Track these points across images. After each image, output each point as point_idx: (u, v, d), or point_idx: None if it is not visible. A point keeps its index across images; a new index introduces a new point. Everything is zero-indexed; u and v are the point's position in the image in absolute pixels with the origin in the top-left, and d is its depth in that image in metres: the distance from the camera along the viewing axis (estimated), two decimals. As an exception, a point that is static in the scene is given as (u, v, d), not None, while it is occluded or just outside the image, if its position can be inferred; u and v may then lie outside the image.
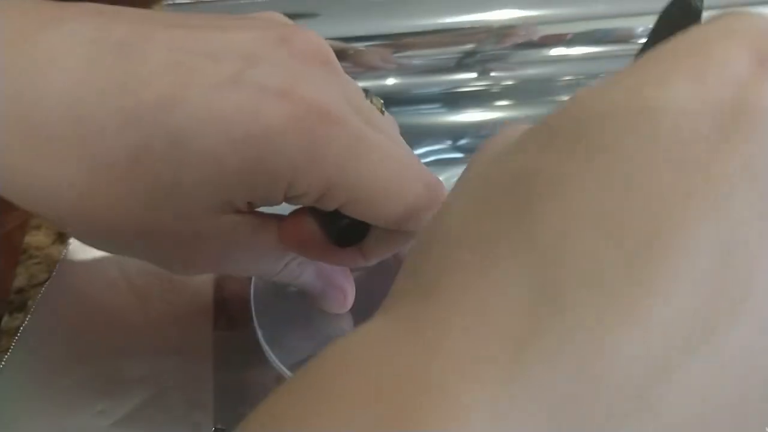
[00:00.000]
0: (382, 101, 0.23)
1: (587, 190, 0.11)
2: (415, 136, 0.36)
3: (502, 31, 0.34)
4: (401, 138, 0.23)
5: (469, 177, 0.14)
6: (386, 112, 0.23)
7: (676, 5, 0.16)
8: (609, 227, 0.10)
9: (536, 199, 0.11)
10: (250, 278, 0.28)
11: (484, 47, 0.35)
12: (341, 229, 0.21)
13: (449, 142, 0.36)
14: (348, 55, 0.33)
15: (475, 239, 0.11)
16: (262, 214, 0.21)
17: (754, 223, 0.10)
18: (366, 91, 0.22)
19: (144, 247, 0.20)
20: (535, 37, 0.35)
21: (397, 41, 0.33)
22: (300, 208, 0.22)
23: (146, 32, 0.18)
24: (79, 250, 0.31)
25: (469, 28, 0.34)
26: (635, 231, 0.10)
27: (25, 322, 0.28)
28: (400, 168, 0.20)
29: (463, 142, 0.37)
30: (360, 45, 0.33)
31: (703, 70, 0.11)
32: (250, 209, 0.20)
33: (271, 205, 0.20)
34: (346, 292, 0.25)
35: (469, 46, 0.35)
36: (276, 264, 0.23)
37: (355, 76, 0.33)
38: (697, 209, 0.10)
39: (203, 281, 0.30)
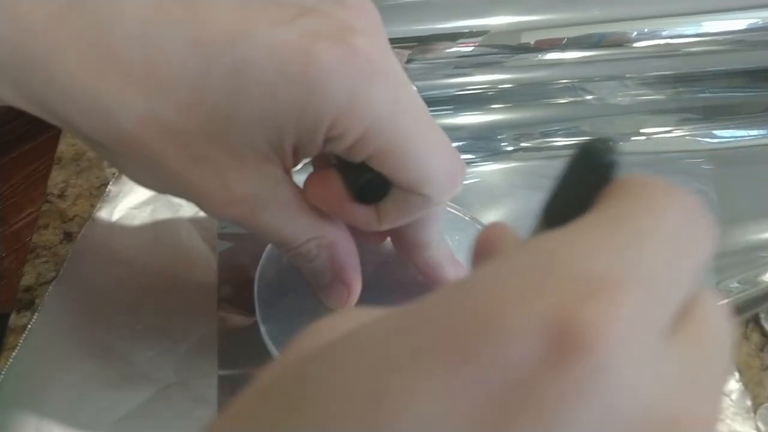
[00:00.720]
0: None
1: None
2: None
3: (499, 35, 0.35)
4: None
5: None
6: None
7: (584, 157, 0.14)
8: None
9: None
10: (254, 276, 0.29)
11: (482, 51, 0.35)
12: (363, 184, 0.22)
13: (447, 144, 0.37)
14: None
15: None
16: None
17: None
18: None
19: (188, 183, 0.21)
20: (532, 42, 0.35)
21: (393, 45, 0.34)
22: (327, 168, 0.23)
23: None
24: (87, 249, 0.31)
25: (467, 32, 0.35)
26: None
27: (33, 320, 0.29)
28: (433, 133, 0.22)
29: (460, 144, 0.37)
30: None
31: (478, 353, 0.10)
32: (295, 163, 0.22)
33: (311, 154, 0.21)
34: (352, 290, 0.26)
35: (466, 50, 0.35)
36: (299, 235, 0.23)
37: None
38: None
39: (207, 278, 0.30)
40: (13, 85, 0.19)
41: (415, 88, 0.23)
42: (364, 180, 0.22)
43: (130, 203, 0.33)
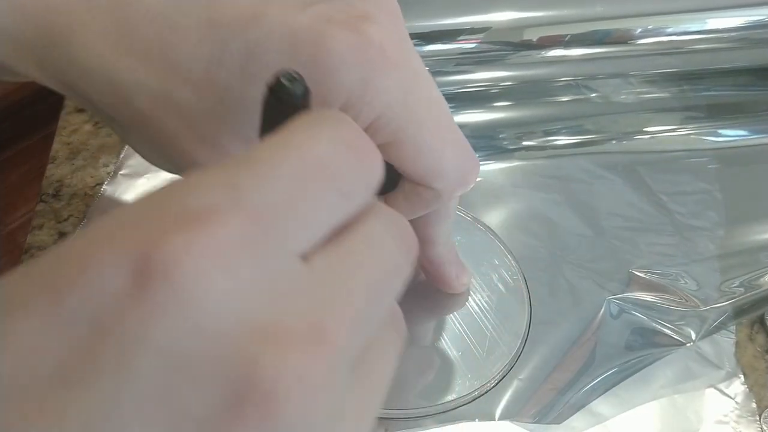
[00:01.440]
0: None
1: None
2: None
3: (501, 32, 0.35)
4: None
5: None
6: None
7: (271, 94, 0.14)
8: None
9: None
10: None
11: (483, 48, 0.35)
12: None
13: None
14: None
15: None
16: None
17: None
18: None
19: (195, 163, 0.21)
20: (534, 39, 0.35)
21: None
22: None
23: None
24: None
25: (468, 29, 0.34)
26: None
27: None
28: (447, 126, 0.21)
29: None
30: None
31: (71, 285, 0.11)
32: None
33: None
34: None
35: (468, 47, 0.35)
36: None
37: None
38: None
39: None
40: (37, 61, 0.19)
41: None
42: None
43: (125, 203, 0.32)
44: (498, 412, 0.27)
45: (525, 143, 0.37)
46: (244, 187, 0.12)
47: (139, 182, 0.33)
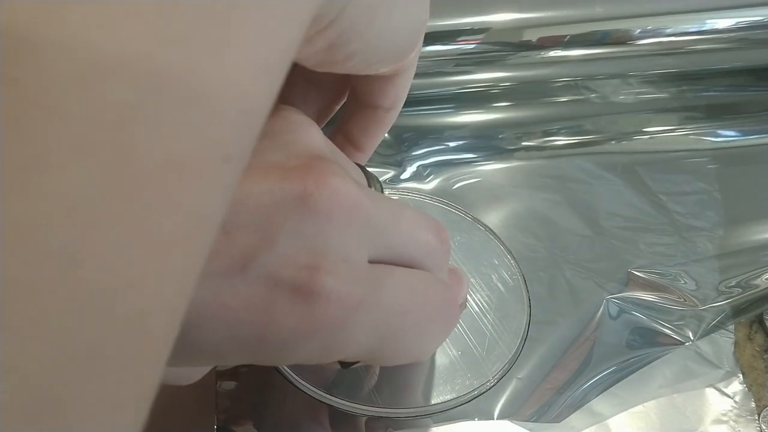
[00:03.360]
0: (381, 184, 0.22)
1: None
2: (414, 137, 0.37)
3: (501, 32, 0.35)
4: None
5: None
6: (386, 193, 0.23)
7: None
8: None
9: None
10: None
11: (483, 49, 0.35)
12: None
13: (448, 144, 0.37)
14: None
15: None
16: None
17: None
18: (367, 175, 0.21)
19: None
20: (534, 39, 0.35)
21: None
22: None
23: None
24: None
25: (468, 30, 0.34)
26: None
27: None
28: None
29: (462, 143, 0.37)
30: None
31: None
32: None
33: None
34: None
35: (468, 48, 0.35)
36: None
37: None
38: None
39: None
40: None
41: None
42: None
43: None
44: (497, 412, 0.27)
45: (524, 143, 0.37)
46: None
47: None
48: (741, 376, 0.30)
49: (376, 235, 0.18)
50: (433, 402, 0.26)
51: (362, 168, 0.21)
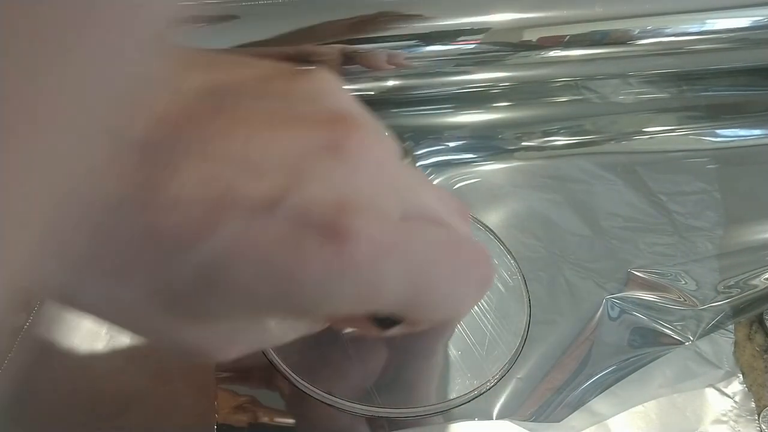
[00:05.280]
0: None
1: None
2: (414, 137, 0.37)
3: (501, 32, 0.35)
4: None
5: None
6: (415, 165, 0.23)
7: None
8: None
9: None
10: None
11: (483, 49, 0.35)
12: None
13: (448, 144, 0.37)
14: (354, 56, 0.33)
15: None
16: None
17: None
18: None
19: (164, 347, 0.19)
20: (534, 39, 0.35)
21: (394, 43, 0.33)
22: None
23: (172, 150, 0.15)
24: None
25: (468, 30, 0.34)
26: None
27: (28, 322, 0.28)
28: (451, 273, 0.19)
29: (462, 143, 0.37)
30: (366, 47, 0.33)
31: None
32: None
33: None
34: None
35: (468, 48, 0.35)
36: None
37: (357, 77, 0.34)
38: None
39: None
40: None
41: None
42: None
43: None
44: (497, 412, 0.27)
45: (524, 143, 0.37)
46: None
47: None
48: (741, 376, 0.30)
49: (406, 191, 0.18)
50: (432, 402, 0.26)
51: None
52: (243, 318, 0.18)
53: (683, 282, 0.32)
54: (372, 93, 0.35)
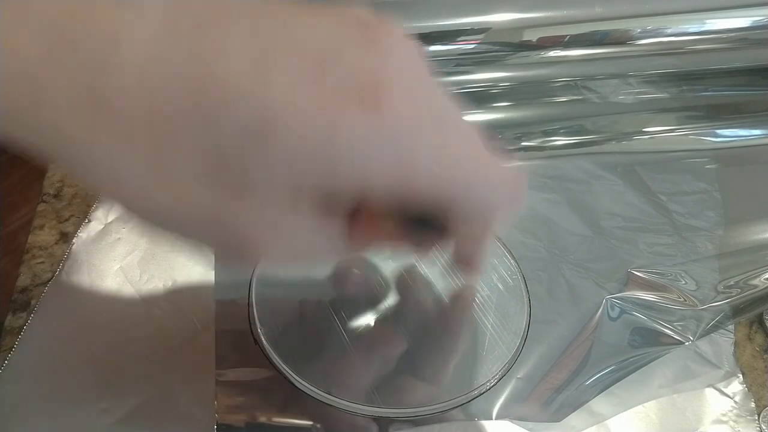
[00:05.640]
0: None
1: None
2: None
3: (501, 32, 0.35)
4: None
5: None
6: None
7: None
8: None
9: None
10: (251, 278, 0.29)
11: (483, 49, 0.35)
12: (419, 233, 0.21)
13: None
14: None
15: None
16: None
17: None
18: None
19: (205, 237, 0.19)
20: (534, 39, 0.35)
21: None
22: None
23: (224, 14, 0.17)
24: (83, 250, 0.31)
25: (468, 30, 0.34)
26: None
27: (29, 322, 0.28)
28: (482, 156, 0.20)
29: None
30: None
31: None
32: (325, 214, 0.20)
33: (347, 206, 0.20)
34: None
35: (468, 48, 0.35)
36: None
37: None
38: None
39: (204, 281, 0.30)
40: (4, 129, 0.17)
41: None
42: (419, 229, 0.21)
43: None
44: (497, 411, 0.27)
45: (524, 143, 0.37)
46: None
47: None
48: (741, 376, 0.30)
49: (436, 88, 0.19)
50: (433, 402, 0.26)
51: None
52: (283, 198, 0.18)
53: (683, 282, 0.32)
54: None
